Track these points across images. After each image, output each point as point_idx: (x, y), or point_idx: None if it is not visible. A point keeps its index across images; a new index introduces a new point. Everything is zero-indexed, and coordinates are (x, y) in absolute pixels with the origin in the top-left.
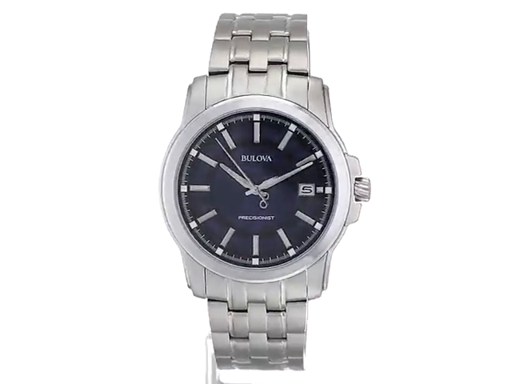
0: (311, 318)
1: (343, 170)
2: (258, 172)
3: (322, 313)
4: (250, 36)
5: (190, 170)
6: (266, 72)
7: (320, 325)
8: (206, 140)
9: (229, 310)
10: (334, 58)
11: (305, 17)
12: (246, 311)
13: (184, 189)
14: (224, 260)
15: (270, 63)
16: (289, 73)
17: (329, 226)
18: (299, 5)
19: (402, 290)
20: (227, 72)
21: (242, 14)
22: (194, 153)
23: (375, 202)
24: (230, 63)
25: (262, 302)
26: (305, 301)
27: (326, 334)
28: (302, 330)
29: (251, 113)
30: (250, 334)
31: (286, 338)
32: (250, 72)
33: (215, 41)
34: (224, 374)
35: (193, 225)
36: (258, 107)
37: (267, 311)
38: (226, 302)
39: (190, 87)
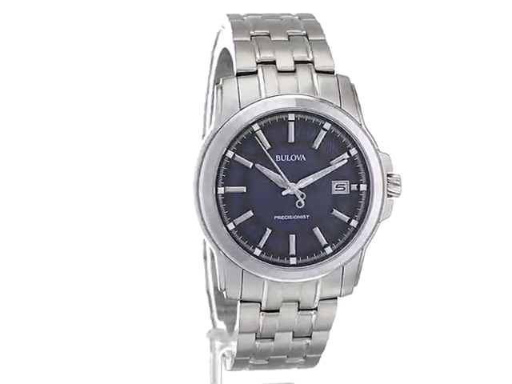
0: None
1: (377, 166)
2: (294, 171)
3: None
4: (269, 36)
5: (226, 172)
6: (294, 71)
7: None
8: (242, 141)
9: (261, 311)
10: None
11: (312, 16)
12: (277, 311)
13: (221, 191)
14: (262, 260)
15: (296, 62)
16: (317, 71)
17: (365, 223)
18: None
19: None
20: (255, 72)
21: (248, 14)
22: (230, 154)
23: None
24: (257, 63)
25: (296, 301)
26: (336, 298)
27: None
28: (329, 328)
29: (286, 112)
30: (277, 333)
31: (310, 336)
32: (278, 72)
33: (236, 41)
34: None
35: (230, 226)
36: (293, 107)
37: (298, 310)
38: (260, 302)
39: (219, 88)
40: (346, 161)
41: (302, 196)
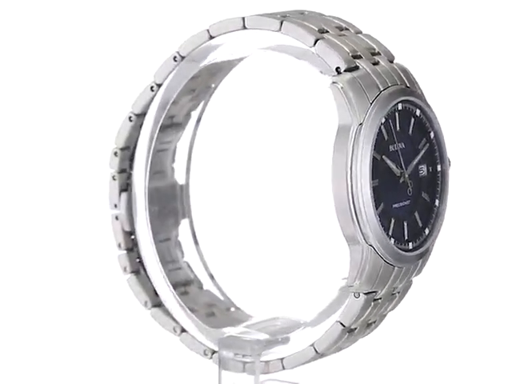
0: None
1: (445, 146)
2: (403, 159)
3: None
4: (327, 32)
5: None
6: (378, 63)
7: None
8: (376, 135)
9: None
10: None
11: (320, 13)
12: (380, 299)
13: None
14: (397, 249)
15: (372, 55)
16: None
17: (444, 202)
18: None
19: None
20: (358, 67)
21: (271, 14)
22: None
23: None
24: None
25: (398, 286)
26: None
27: None
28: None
29: (397, 103)
30: (360, 325)
31: (374, 323)
32: (372, 64)
33: (321, 40)
34: None
35: (377, 219)
36: (401, 98)
37: (391, 294)
38: (376, 292)
39: (344, 85)
40: (428, 144)
41: (410, 184)
